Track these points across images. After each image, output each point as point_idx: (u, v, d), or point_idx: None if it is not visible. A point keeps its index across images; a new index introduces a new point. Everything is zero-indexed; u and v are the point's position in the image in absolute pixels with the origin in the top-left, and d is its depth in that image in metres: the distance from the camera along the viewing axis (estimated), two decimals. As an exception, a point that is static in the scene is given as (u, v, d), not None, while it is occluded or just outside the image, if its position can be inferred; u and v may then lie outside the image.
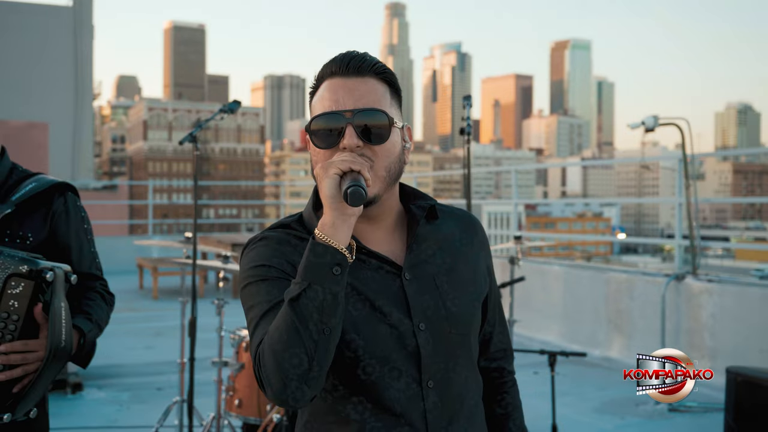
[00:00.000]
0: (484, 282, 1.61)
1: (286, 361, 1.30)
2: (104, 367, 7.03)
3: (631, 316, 7.18)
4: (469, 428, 1.53)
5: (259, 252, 1.49)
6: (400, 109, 1.54)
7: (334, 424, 1.47)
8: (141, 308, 10.82)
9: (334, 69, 1.48)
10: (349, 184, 1.31)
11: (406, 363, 1.45)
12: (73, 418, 5.49)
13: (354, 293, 1.45)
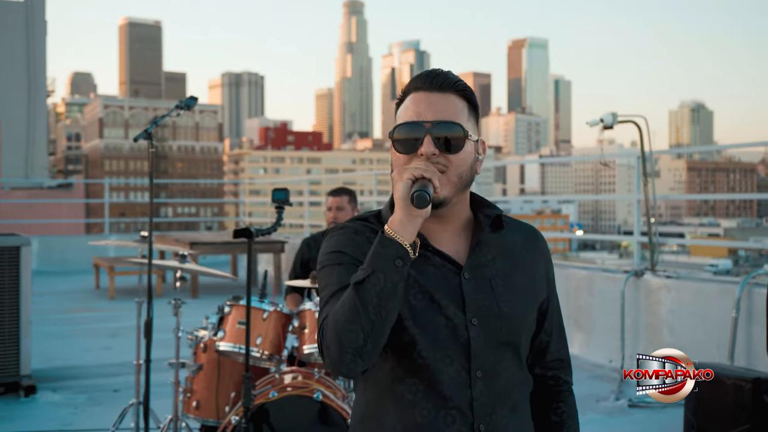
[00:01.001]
0: (541, 290, 1.74)
1: (345, 335, 1.48)
2: (59, 368, 6.90)
3: (591, 313, 7.22)
4: (512, 419, 1.64)
5: (338, 239, 1.66)
6: (477, 124, 1.70)
7: (391, 402, 1.62)
8: (97, 308, 10.62)
9: (419, 84, 1.67)
10: (416, 189, 1.49)
11: (457, 352, 1.59)
12: (26, 422, 5.36)
13: (416, 285, 1.60)
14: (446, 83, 1.65)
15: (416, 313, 1.58)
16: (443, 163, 1.60)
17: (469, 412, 1.59)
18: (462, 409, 1.59)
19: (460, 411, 1.59)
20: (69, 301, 11.19)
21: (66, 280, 13.28)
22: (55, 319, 9.56)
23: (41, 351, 7.26)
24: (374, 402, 1.65)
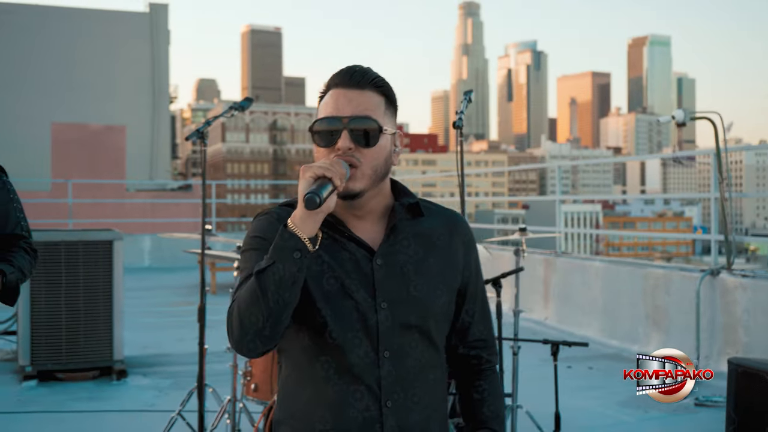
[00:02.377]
0: (456, 274, 1.81)
1: (246, 319, 1.58)
2: (152, 356, 7.36)
3: (668, 312, 7.14)
4: (423, 398, 1.72)
5: (261, 225, 1.75)
6: (394, 117, 1.81)
7: (307, 377, 1.72)
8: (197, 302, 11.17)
9: (339, 80, 1.73)
10: (308, 191, 1.54)
11: (366, 334, 1.68)
12: (114, 403, 5.80)
13: (330, 270, 1.69)
14: (364, 80, 1.73)
15: (328, 296, 1.67)
16: (357, 157, 1.68)
17: (377, 390, 1.67)
18: (370, 386, 1.67)
19: (369, 388, 1.67)
20: (174, 296, 11.83)
21: (174, 276, 14.00)
22: (158, 312, 10.16)
23: (137, 340, 7.77)
24: (292, 377, 1.76)
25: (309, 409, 1.71)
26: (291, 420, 1.74)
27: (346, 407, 1.67)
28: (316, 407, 1.70)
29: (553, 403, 4.57)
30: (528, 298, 9.31)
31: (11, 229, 2.70)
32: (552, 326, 8.56)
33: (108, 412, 5.61)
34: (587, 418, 5.45)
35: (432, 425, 1.75)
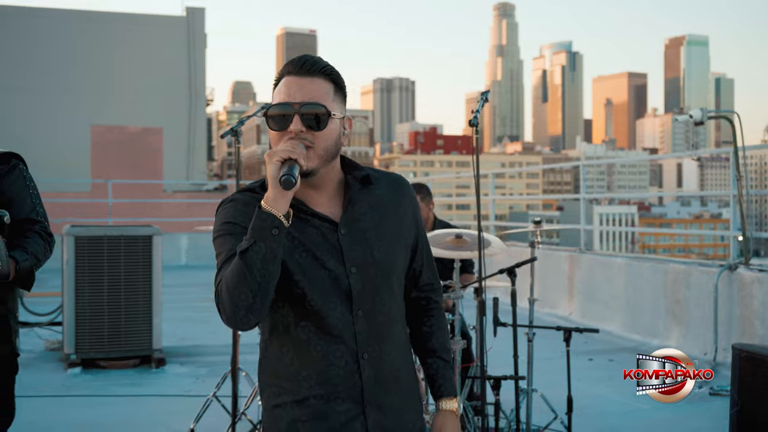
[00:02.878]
0: (409, 232, 2.02)
1: (237, 296, 1.72)
2: (189, 347, 7.70)
3: (688, 307, 7.31)
4: (392, 348, 1.94)
5: (228, 211, 1.90)
6: (344, 103, 1.94)
7: (289, 342, 1.88)
8: (232, 298, 11.53)
9: (291, 69, 1.89)
10: (283, 173, 1.71)
11: (340, 297, 1.86)
12: (153, 388, 6.13)
13: (300, 245, 1.86)
14: (314, 68, 1.88)
15: (303, 269, 1.84)
16: (309, 139, 1.82)
17: (354, 345, 1.86)
18: (347, 343, 1.86)
19: (346, 345, 1.86)
20: (209, 292, 11.97)
21: (210, 274, 14.24)
22: (195, 307, 10.51)
23: (176, 332, 8.12)
24: (275, 344, 1.91)
25: (293, 371, 1.88)
26: (277, 381, 1.91)
27: (327, 365, 1.86)
28: (300, 368, 1.87)
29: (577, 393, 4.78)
30: (553, 294, 9.52)
31: (26, 214, 2.79)
32: (576, 321, 8.75)
33: (148, 396, 5.94)
34: (604, 405, 5.67)
35: (402, 368, 1.97)
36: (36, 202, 2.84)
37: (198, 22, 39.91)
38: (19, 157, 2.87)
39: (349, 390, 1.87)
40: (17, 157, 2.85)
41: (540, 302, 9.54)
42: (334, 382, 1.86)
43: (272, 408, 1.93)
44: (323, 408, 1.86)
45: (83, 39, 34.94)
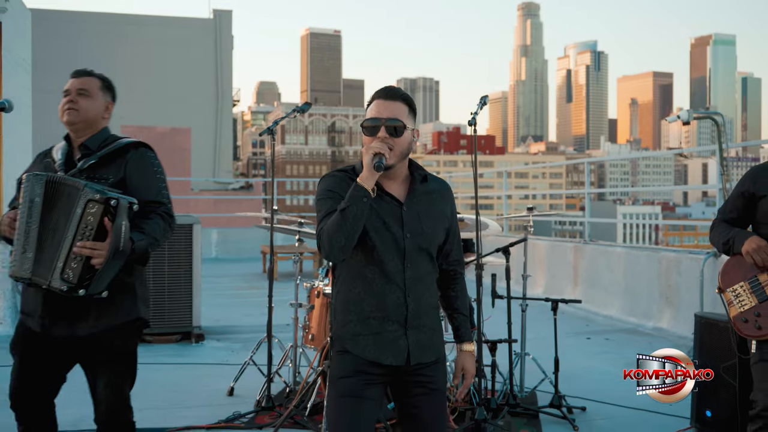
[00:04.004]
0: (447, 220, 2.83)
1: (334, 239, 2.57)
2: (224, 326, 8.47)
3: (679, 291, 7.98)
4: (428, 293, 2.76)
5: (330, 182, 2.74)
6: (414, 120, 2.75)
7: (359, 279, 2.70)
8: (262, 287, 12.33)
9: (380, 95, 2.73)
10: (376, 160, 2.57)
11: (397, 253, 2.68)
12: (194, 358, 6.91)
13: (376, 213, 2.67)
14: (395, 95, 2.70)
15: (376, 229, 2.65)
16: (390, 144, 2.63)
17: (403, 286, 2.67)
18: (399, 284, 2.67)
19: (398, 286, 2.67)
20: (240, 281, 13.02)
21: (239, 266, 15.23)
22: (227, 294, 11.31)
23: (210, 315, 8.89)
24: (349, 281, 2.73)
25: (360, 299, 2.70)
26: (347, 305, 2.72)
27: (384, 297, 2.67)
28: (365, 297, 2.69)
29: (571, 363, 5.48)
30: (560, 282, 10.23)
31: (152, 197, 3.18)
32: (579, 307, 9.44)
33: (190, 364, 6.72)
34: (592, 374, 6.37)
35: (433, 307, 2.77)
36: (161, 186, 3.26)
37: (225, 24, 40.73)
38: (147, 145, 3.32)
39: (398, 316, 2.69)
40: (146, 145, 3.32)
41: (548, 289, 10.26)
42: (388, 310, 2.68)
43: (342, 327, 2.73)
44: (379, 327, 2.69)
45: (117, 42, 35.91)
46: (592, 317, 9.12)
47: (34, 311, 3.16)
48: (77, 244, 2.92)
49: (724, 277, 3.46)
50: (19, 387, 3.19)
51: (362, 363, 2.68)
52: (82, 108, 3.25)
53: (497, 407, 5.01)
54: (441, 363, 2.80)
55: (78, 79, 3.31)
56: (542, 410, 5.09)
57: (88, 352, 3.18)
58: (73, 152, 3.29)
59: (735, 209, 3.47)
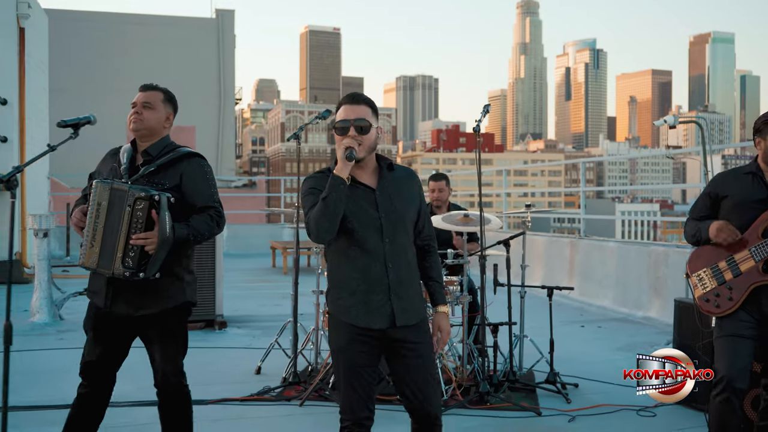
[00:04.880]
0: (416, 200, 3.32)
1: (320, 224, 3.05)
2: (243, 316, 9.08)
3: (666, 282, 8.59)
4: (406, 263, 3.22)
5: (312, 182, 3.23)
6: (376, 118, 3.26)
7: (345, 258, 3.18)
8: (273, 280, 12.96)
9: (347, 100, 3.24)
10: (347, 152, 3.07)
11: (376, 231, 3.16)
12: (219, 342, 7.53)
13: (353, 201, 3.14)
14: (359, 99, 3.22)
15: (354, 214, 3.12)
16: (359, 140, 3.13)
17: (383, 259, 3.14)
18: (379, 258, 3.13)
19: (379, 259, 3.13)
20: (251, 275, 13.63)
21: (248, 261, 15.85)
22: (241, 287, 11.91)
23: (230, 305, 9.49)
24: (336, 261, 3.23)
25: (347, 275, 3.18)
26: (337, 282, 3.21)
27: (368, 271, 3.15)
28: (351, 273, 3.16)
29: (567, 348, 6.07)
30: (557, 275, 10.83)
31: (205, 201, 3.72)
32: (575, 299, 10.06)
33: (217, 348, 7.32)
34: (585, 356, 6.97)
35: (413, 276, 3.26)
36: (213, 191, 3.78)
37: (228, 23, 41.22)
38: (200, 155, 3.88)
39: (381, 287, 3.17)
40: (199, 155, 3.88)
41: (545, 281, 10.85)
42: (371, 282, 3.17)
43: (335, 301, 3.24)
44: (365, 297, 3.18)
45: (121, 41, 36.43)
46: (587, 307, 9.74)
47: (99, 290, 3.76)
48: (132, 236, 3.52)
49: (691, 265, 4.05)
50: (90, 358, 3.79)
51: (355, 330, 3.14)
52: (146, 119, 3.81)
53: (499, 383, 5.61)
54: (425, 326, 3.29)
55: (144, 93, 3.88)
56: (539, 386, 5.70)
57: (145, 329, 3.77)
58: (136, 156, 3.87)
59: (704, 208, 4.05)
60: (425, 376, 3.21)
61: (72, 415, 3.86)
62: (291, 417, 5.15)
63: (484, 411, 5.21)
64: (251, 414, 5.23)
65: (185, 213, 3.68)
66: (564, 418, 5.12)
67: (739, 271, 3.81)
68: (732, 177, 3.96)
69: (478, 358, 5.74)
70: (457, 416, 5.11)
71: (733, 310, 3.80)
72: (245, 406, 5.37)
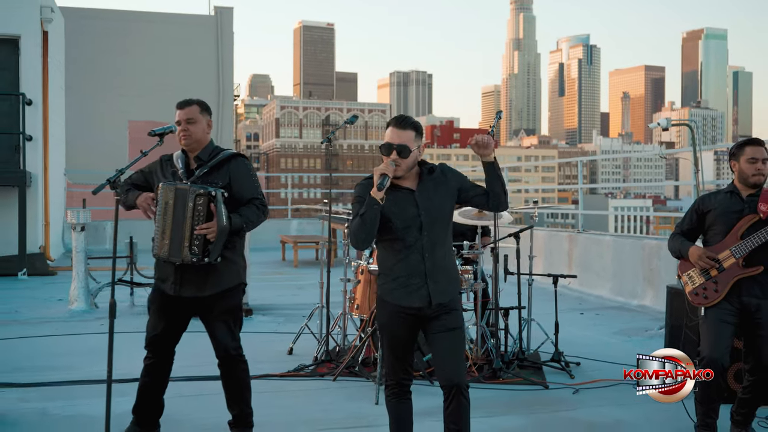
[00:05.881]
0: (453, 189, 3.81)
1: (357, 235, 3.67)
2: (265, 305, 9.71)
3: (659, 273, 9.26)
4: (440, 253, 3.75)
5: (359, 189, 3.77)
6: (421, 137, 3.81)
7: (390, 251, 3.76)
8: (285, 273, 13.61)
9: (393, 123, 3.77)
10: (379, 181, 3.61)
11: (416, 227, 3.70)
12: (249, 328, 8.12)
13: (395, 203, 3.70)
14: (405, 124, 3.73)
15: (395, 214, 3.68)
16: (398, 163, 3.66)
17: (421, 250, 3.69)
18: (418, 249, 3.69)
19: (417, 250, 3.69)
20: (263, 268, 14.26)
21: (260, 254, 16.41)
22: (257, 278, 12.47)
23: (251, 295, 10.11)
24: (383, 253, 3.80)
25: (391, 264, 3.76)
26: (384, 270, 3.81)
27: (408, 260, 3.71)
28: (395, 263, 3.74)
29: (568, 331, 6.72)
30: (557, 268, 11.48)
31: (251, 194, 4.35)
32: (574, 289, 10.73)
33: (248, 332, 7.91)
34: (585, 339, 7.64)
35: (447, 264, 3.80)
36: (256, 185, 4.44)
37: (226, 20, 41.64)
38: (243, 155, 4.56)
39: (419, 273, 3.77)
40: (242, 155, 4.56)
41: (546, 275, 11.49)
42: (411, 269, 3.77)
43: (382, 285, 3.88)
44: (406, 282, 3.79)
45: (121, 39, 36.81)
46: (585, 297, 10.41)
47: (167, 278, 4.41)
48: (196, 228, 4.18)
49: (681, 267, 4.76)
50: (155, 332, 4.44)
51: (397, 308, 3.77)
52: (192, 133, 4.42)
53: (509, 361, 6.27)
54: (456, 306, 3.86)
55: (183, 110, 4.48)
56: (546, 363, 6.36)
57: (208, 307, 4.42)
58: (189, 161, 4.50)
59: (690, 222, 4.77)
60: (454, 349, 3.80)
61: (143, 383, 4.54)
62: (326, 390, 5.79)
63: (497, 385, 5.87)
64: (290, 387, 5.87)
65: (235, 206, 4.32)
66: (568, 390, 5.78)
67: (723, 267, 4.48)
68: (713, 196, 4.72)
69: (490, 339, 6.39)
70: (474, 389, 5.66)
71: (719, 300, 4.47)
72: (284, 381, 6.02)
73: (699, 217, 4.70)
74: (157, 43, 38.50)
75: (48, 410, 5.21)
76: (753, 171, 4.50)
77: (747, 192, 4.56)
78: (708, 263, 4.50)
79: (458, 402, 3.76)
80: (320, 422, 5.02)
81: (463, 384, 3.78)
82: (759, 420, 4.82)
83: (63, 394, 5.62)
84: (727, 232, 4.53)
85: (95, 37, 35.89)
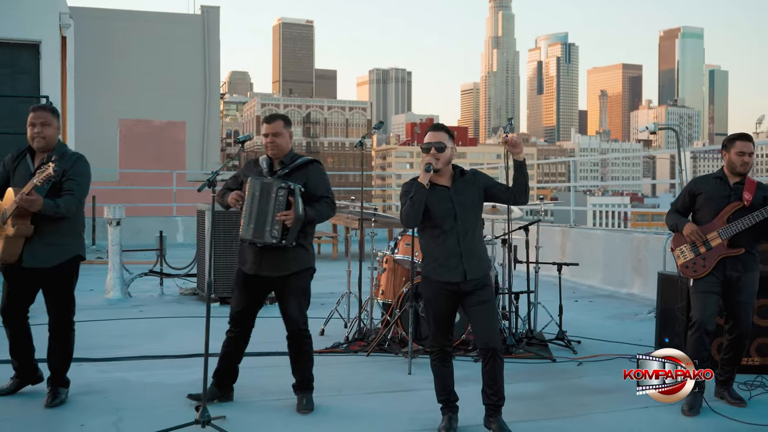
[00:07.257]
0: (480, 187, 4.62)
1: (408, 215, 4.54)
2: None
3: (647, 264, 10.13)
4: (472, 238, 4.61)
5: (406, 186, 4.60)
6: (452, 140, 4.73)
7: (430, 236, 4.61)
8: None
9: (432, 128, 4.71)
10: (426, 166, 4.50)
11: (451, 217, 4.54)
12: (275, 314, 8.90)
13: (434, 198, 4.58)
14: (441, 128, 4.60)
15: (435, 207, 4.49)
16: (437, 157, 4.48)
17: (457, 236, 4.48)
18: (454, 235, 4.48)
19: (454, 236, 4.48)
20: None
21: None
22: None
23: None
24: (425, 238, 4.61)
25: (432, 250, 4.57)
26: (427, 253, 4.61)
27: (446, 243, 4.51)
28: (434, 248, 4.55)
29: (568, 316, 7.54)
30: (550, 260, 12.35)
31: (322, 193, 5.14)
32: (567, 279, 11.54)
33: (271, 317, 8.72)
34: (582, 322, 8.48)
35: (479, 247, 4.62)
36: (328, 185, 5.25)
37: (213, 19, 42.18)
38: (317, 160, 5.37)
39: (455, 254, 4.56)
40: (316, 161, 5.37)
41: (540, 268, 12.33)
42: (449, 251, 4.57)
43: (426, 266, 4.67)
44: (445, 261, 4.58)
45: (111, 38, 37.30)
46: (578, 287, 11.27)
47: (248, 260, 5.21)
48: (277, 214, 4.98)
49: (674, 242, 5.58)
50: (239, 308, 5.25)
51: (438, 284, 4.54)
52: (278, 145, 5.24)
53: (519, 339, 7.11)
54: (489, 283, 4.63)
55: (270, 125, 5.28)
56: (551, 341, 7.21)
57: (281, 286, 5.24)
58: (273, 164, 5.31)
59: (683, 202, 5.61)
60: (488, 318, 4.60)
61: (224, 353, 5.35)
62: (362, 363, 6.60)
63: (510, 359, 6.65)
64: (329, 362, 6.67)
65: (310, 201, 5.14)
66: (573, 363, 6.62)
67: (710, 246, 5.33)
68: (705, 180, 5.58)
69: (502, 320, 7.22)
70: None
71: (706, 273, 5.32)
72: (323, 356, 6.82)
73: (691, 198, 5.55)
74: (146, 42, 39.02)
75: (128, 379, 5.99)
76: (740, 162, 5.35)
77: (734, 179, 5.41)
78: (698, 238, 5.33)
79: (494, 362, 4.58)
80: (365, 387, 5.85)
81: (498, 347, 4.59)
82: (738, 384, 5.65)
83: (138, 366, 6.42)
84: (714, 214, 5.37)
85: (84, 36, 36.33)
